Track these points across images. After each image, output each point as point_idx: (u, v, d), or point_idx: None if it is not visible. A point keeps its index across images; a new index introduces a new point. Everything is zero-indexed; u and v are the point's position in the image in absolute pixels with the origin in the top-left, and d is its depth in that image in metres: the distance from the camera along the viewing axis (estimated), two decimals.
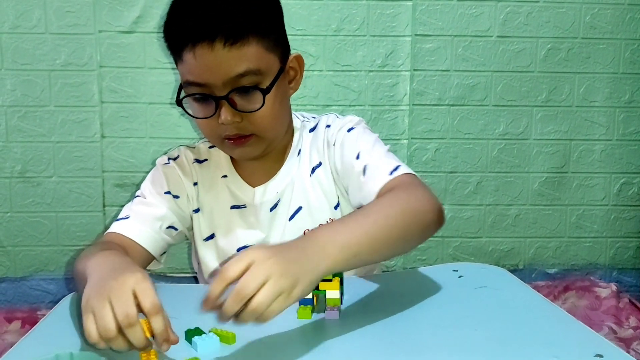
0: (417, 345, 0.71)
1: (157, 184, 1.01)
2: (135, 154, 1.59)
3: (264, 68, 0.88)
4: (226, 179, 1.02)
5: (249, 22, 0.85)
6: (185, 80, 0.89)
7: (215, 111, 0.88)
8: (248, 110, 0.88)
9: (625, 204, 1.72)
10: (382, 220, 0.76)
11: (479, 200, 1.68)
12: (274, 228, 1.00)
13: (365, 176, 0.90)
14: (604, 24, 1.63)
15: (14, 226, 1.60)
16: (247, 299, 0.61)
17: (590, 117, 1.68)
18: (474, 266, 0.99)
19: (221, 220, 1.02)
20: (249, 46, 0.85)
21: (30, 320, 1.54)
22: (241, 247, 1.00)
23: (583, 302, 1.62)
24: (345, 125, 0.99)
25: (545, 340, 0.70)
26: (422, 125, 1.63)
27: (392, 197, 0.83)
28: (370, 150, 0.93)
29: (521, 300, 0.84)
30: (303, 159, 1.01)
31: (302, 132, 1.04)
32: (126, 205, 1.02)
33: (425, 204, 0.82)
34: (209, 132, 0.93)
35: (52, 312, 0.84)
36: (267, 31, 0.88)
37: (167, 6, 0.92)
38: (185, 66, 0.87)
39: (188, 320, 0.76)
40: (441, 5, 1.59)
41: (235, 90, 0.86)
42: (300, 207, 1.00)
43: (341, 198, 1.00)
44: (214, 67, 0.85)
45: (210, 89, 0.87)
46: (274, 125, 0.93)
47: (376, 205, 0.82)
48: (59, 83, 1.55)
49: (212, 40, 0.83)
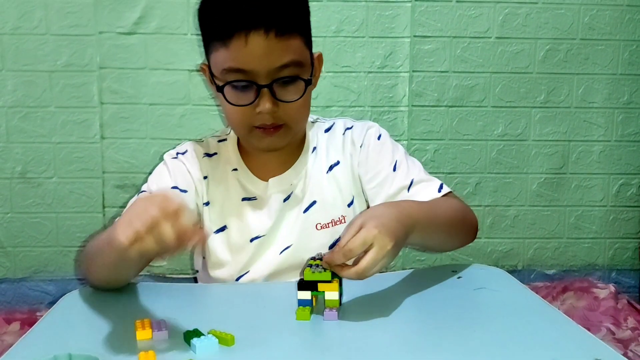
0: (416, 347, 0.71)
1: (163, 179, 1.01)
2: (136, 155, 1.60)
3: (303, 61, 0.92)
4: (236, 172, 1.03)
5: (296, 16, 0.91)
6: (228, 67, 0.89)
7: (255, 99, 0.89)
8: (287, 100, 0.91)
9: (623, 204, 1.72)
10: (450, 212, 0.93)
11: (477, 201, 1.68)
12: (287, 218, 1.01)
13: (412, 191, 0.99)
14: (603, 25, 1.63)
15: (14, 227, 1.60)
16: (353, 256, 0.74)
17: (589, 118, 1.68)
18: (473, 267, 0.99)
19: (232, 212, 1.02)
20: (294, 39, 0.89)
21: (29, 321, 1.54)
22: (254, 238, 1.01)
23: (581, 303, 1.62)
24: (372, 129, 1.05)
25: (543, 343, 0.70)
26: (421, 126, 1.64)
27: (454, 201, 0.98)
28: (409, 164, 1.02)
29: (520, 303, 0.83)
30: (319, 156, 1.04)
31: (317, 130, 1.06)
32: (131, 200, 0.99)
33: (471, 217, 1.00)
34: (240, 120, 0.93)
35: (51, 312, 0.84)
36: (306, 27, 0.94)
37: (169, 6, 0.92)
38: (229, 52, 0.88)
39: (187, 321, 0.76)
40: (440, 6, 1.59)
41: (277, 80, 0.89)
42: (315, 201, 1.02)
43: (356, 197, 1.03)
44: (263, 55, 0.87)
45: (253, 76, 0.88)
46: (304, 116, 0.98)
47: (446, 201, 0.96)
48: (59, 84, 1.56)
49: (268, 27, 0.86)
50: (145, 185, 1.02)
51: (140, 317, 0.75)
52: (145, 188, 1.01)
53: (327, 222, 1.01)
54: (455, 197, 1.01)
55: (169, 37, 1.55)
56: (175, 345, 0.70)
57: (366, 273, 0.75)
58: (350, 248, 0.74)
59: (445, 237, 0.95)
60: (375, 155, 1.02)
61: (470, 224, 0.99)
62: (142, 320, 0.74)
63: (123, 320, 0.78)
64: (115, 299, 0.88)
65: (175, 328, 0.73)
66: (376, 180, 1.01)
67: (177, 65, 1.57)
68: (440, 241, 0.97)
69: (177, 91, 1.58)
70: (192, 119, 1.59)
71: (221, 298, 0.92)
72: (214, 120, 1.59)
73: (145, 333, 0.72)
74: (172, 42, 1.56)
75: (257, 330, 0.75)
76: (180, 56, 1.56)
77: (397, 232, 0.77)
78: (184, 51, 1.56)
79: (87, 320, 0.80)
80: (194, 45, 1.56)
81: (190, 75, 1.58)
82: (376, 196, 1.01)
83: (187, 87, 1.58)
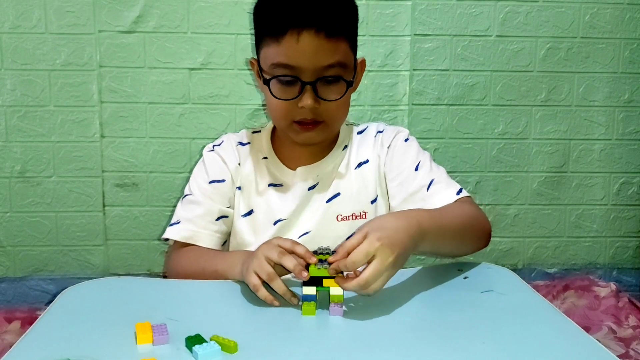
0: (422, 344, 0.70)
1: (201, 176, 1.08)
2: (135, 154, 1.59)
3: (348, 63, 0.97)
4: (266, 160, 1.09)
5: (344, 20, 0.96)
6: (276, 62, 0.94)
7: (298, 95, 0.95)
8: (328, 99, 0.96)
9: (624, 203, 1.72)
10: (459, 215, 0.93)
11: (478, 200, 1.68)
12: (310, 205, 1.06)
13: (431, 190, 1.01)
14: (604, 23, 1.63)
15: (14, 226, 1.60)
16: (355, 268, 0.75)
17: (589, 117, 1.68)
18: (480, 266, 0.98)
19: (259, 196, 1.08)
20: (342, 41, 0.95)
21: (29, 320, 1.54)
22: (277, 220, 1.06)
23: (582, 302, 1.62)
24: (401, 134, 1.09)
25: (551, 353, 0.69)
26: (422, 125, 1.63)
27: (467, 207, 0.98)
28: (432, 166, 1.05)
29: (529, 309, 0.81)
30: (351, 154, 1.09)
31: (350, 131, 1.12)
32: (177, 204, 1.10)
33: (484, 224, 1.00)
34: (282, 113, 0.99)
35: (49, 310, 0.83)
36: (353, 32, 0.99)
37: (168, 5, 0.92)
38: (280, 48, 0.93)
39: (188, 323, 0.75)
40: (440, 4, 1.59)
41: (321, 78, 0.94)
42: (339, 193, 1.06)
43: (380, 196, 1.07)
44: (312, 53, 0.92)
45: (299, 72, 0.93)
46: (342, 115, 1.03)
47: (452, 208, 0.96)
48: (58, 83, 1.55)
49: (319, 28, 0.91)
50: (187, 187, 1.10)
51: (140, 317, 0.74)
52: (187, 190, 1.09)
53: (348, 215, 1.05)
54: (471, 203, 1.02)
55: (168, 35, 1.55)
56: (177, 352, 0.69)
57: (367, 285, 0.75)
58: (353, 261, 0.75)
59: (456, 244, 0.95)
60: (400, 155, 1.06)
61: (482, 230, 1.00)
62: (143, 324, 0.73)
63: (123, 321, 0.77)
64: (114, 296, 0.88)
65: (176, 332, 0.73)
66: (398, 179, 1.05)
67: (176, 64, 1.56)
68: (451, 248, 0.97)
69: (177, 90, 1.58)
70: (192, 117, 1.59)
71: (224, 296, 0.91)
72: (213, 119, 1.59)
73: (146, 337, 0.71)
74: (171, 40, 1.55)
75: (262, 333, 0.74)
76: (180, 55, 1.56)
77: (402, 244, 0.77)
78: (183, 50, 1.56)
79: (86, 320, 0.79)
80: (194, 43, 1.56)
81: (190, 74, 1.57)
82: (397, 194, 1.05)
83: (187, 85, 1.58)
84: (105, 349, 0.70)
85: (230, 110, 1.59)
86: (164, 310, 0.81)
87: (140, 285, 0.92)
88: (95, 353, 0.69)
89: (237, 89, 1.59)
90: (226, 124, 1.59)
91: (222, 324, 0.77)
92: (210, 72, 1.57)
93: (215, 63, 1.57)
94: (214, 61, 1.57)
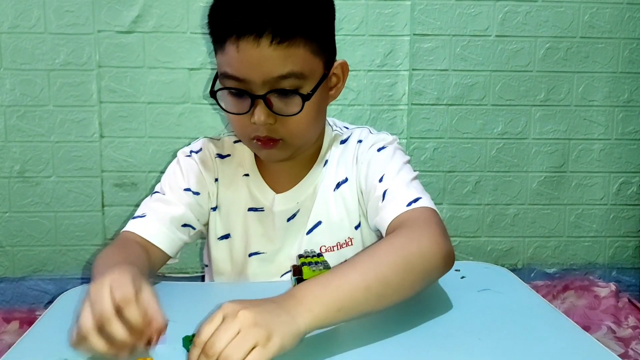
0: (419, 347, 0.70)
1: (177, 180, 0.97)
2: (134, 154, 1.59)
3: (307, 72, 0.83)
4: (247, 178, 0.98)
5: (299, 22, 0.81)
6: (223, 72, 0.84)
7: (250, 109, 0.83)
8: (284, 114, 0.84)
9: (624, 203, 1.72)
10: (372, 272, 0.70)
11: (477, 200, 1.68)
12: (290, 239, 0.96)
13: (384, 202, 0.86)
14: (603, 23, 1.63)
15: (13, 226, 1.60)
16: (217, 355, 0.58)
17: (589, 117, 1.68)
18: (477, 266, 0.98)
19: (237, 221, 0.98)
20: (296, 47, 0.81)
21: (28, 321, 1.54)
22: (253, 253, 0.97)
23: (582, 302, 1.62)
24: (377, 144, 0.94)
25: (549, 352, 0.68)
26: (421, 125, 1.63)
27: (393, 241, 0.77)
28: (395, 175, 0.89)
29: (525, 306, 0.81)
30: (329, 172, 0.97)
31: (333, 142, 0.99)
32: (144, 200, 0.98)
33: (431, 248, 0.76)
34: (239, 128, 0.89)
35: (47, 312, 0.83)
36: (316, 34, 0.84)
37: (167, 4, 0.91)
38: (225, 57, 0.83)
39: (185, 324, 0.75)
40: (439, 4, 1.59)
41: (274, 91, 0.82)
42: (320, 221, 0.96)
43: (362, 219, 0.96)
44: (256, 64, 0.80)
45: (248, 85, 0.82)
46: (305, 132, 0.89)
47: (371, 255, 0.74)
48: (58, 83, 1.55)
49: (259, 35, 0.79)
50: (159, 186, 0.98)
51: None
52: (159, 189, 0.97)
53: (332, 245, 0.95)
54: (423, 219, 0.82)
55: (168, 35, 1.55)
56: (174, 351, 0.69)
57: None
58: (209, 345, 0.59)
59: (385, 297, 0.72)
60: (369, 168, 0.93)
61: (428, 265, 0.75)
62: None
63: None
64: None
65: (173, 332, 0.72)
66: (367, 196, 0.93)
67: (175, 63, 1.56)
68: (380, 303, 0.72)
69: (176, 90, 1.58)
70: (191, 117, 1.59)
71: (220, 296, 0.90)
72: (213, 119, 1.59)
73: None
74: (170, 40, 1.55)
75: None
76: (179, 54, 1.56)
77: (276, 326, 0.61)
78: (182, 49, 1.56)
79: None
80: (193, 43, 1.56)
81: (189, 73, 1.57)
82: (367, 212, 0.92)
83: (186, 85, 1.58)
84: None
85: None
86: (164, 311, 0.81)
87: None
88: (93, 353, 0.68)
89: None
90: (225, 123, 1.59)
91: None
92: (209, 72, 1.57)
93: (215, 63, 1.57)
94: (213, 61, 1.57)
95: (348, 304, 0.67)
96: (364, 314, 0.70)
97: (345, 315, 0.67)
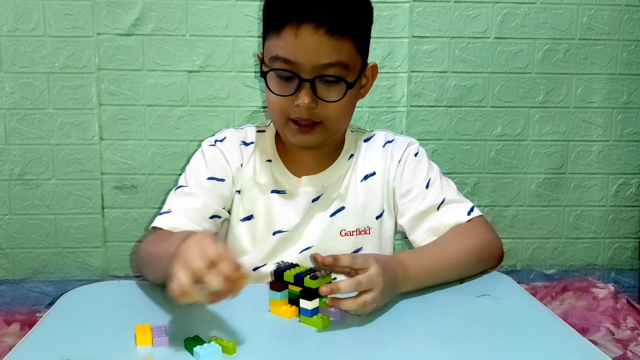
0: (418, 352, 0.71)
1: (200, 170, 1.01)
2: (134, 156, 1.60)
3: (351, 64, 0.92)
4: (270, 164, 1.03)
5: (351, 19, 0.91)
6: (275, 55, 0.91)
7: (295, 91, 0.91)
8: (326, 100, 0.92)
9: (622, 204, 1.72)
10: (456, 254, 0.91)
11: (476, 202, 1.67)
12: (313, 218, 1.01)
13: (442, 210, 0.99)
14: (601, 25, 1.63)
15: (13, 228, 1.61)
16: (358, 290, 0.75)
17: (587, 118, 1.68)
18: None
19: (260, 202, 1.02)
20: (345, 41, 0.90)
21: (29, 322, 1.54)
22: (276, 231, 1.01)
23: (581, 303, 1.62)
24: (412, 146, 1.05)
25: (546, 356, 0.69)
26: (420, 127, 1.64)
27: (469, 235, 0.96)
28: (442, 184, 1.02)
29: (525, 313, 0.81)
30: (357, 164, 1.04)
31: (356, 139, 1.06)
32: (169, 194, 1.02)
33: (492, 242, 0.97)
34: (279, 110, 0.94)
35: (49, 313, 0.84)
36: (361, 33, 0.94)
37: (166, 8, 0.92)
38: (280, 41, 0.90)
39: (187, 326, 0.75)
40: (438, 6, 1.59)
41: (320, 77, 0.90)
42: (343, 207, 1.02)
43: (386, 210, 1.03)
44: (310, 49, 0.88)
45: (297, 69, 0.90)
46: (342, 119, 0.97)
47: (455, 240, 0.94)
48: (57, 86, 1.56)
49: (318, 24, 0.87)
50: (182, 178, 1.02)
51: (140, 320, 0.75)
52: (183, 181, 1.02)
53: (352, 230, 1.01)
54: (482, 223, 1.00)
55: (167, 38, 1.55)
56: (176, 353, 0.69)
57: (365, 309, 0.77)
58: (360, 280, 0.75)
59: (451, 277, 0.93)
60: (410, 171, 1.02)
61: (488, 256, 0.96)
62: (143, 326, 0.73)
63: (123, 323, 0.77)
64: (114, 300, 0.88)
65: (175, 333, 0.73)
66: (408, 196, 1.01)
67: (175, 66, 1.57)
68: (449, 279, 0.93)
69: (175, 92, 1.58)
70: (190, 120, 1.59)
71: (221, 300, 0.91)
72: (212, 122, 1.59)
73: (146, 339, 0.71)
74: (169, 43, 1.56)
75: (260, 335, 0.74)
76: (178, 57, 1.56)
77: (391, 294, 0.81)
78: (181, 52, 1.56)
79: (86, 322, 0.80)
80: (192, 46, 1.56)
81: (188, 76, 1.58)
82: (406, 211, 1.01)
83: (185, 88, 1.58)
84: (104, 350, 0.71)
85: (228, 112, 1.60)
86: (164, 313, 0.81)
87: (140, 288, 0.92)
88: (95, 354, 0.69)
89: (236, 91, 1.59)
90: (225, 125, 1.59)
91: (220, 325, 0.77)
92: (208, 74, 1.58)
93: (214, 65, 1.57)
94: (212, 63, 1.57)
95: (438, 275, 0.88)
96: (440, 282, 0.89)
97: (430, 281, 0.87)
